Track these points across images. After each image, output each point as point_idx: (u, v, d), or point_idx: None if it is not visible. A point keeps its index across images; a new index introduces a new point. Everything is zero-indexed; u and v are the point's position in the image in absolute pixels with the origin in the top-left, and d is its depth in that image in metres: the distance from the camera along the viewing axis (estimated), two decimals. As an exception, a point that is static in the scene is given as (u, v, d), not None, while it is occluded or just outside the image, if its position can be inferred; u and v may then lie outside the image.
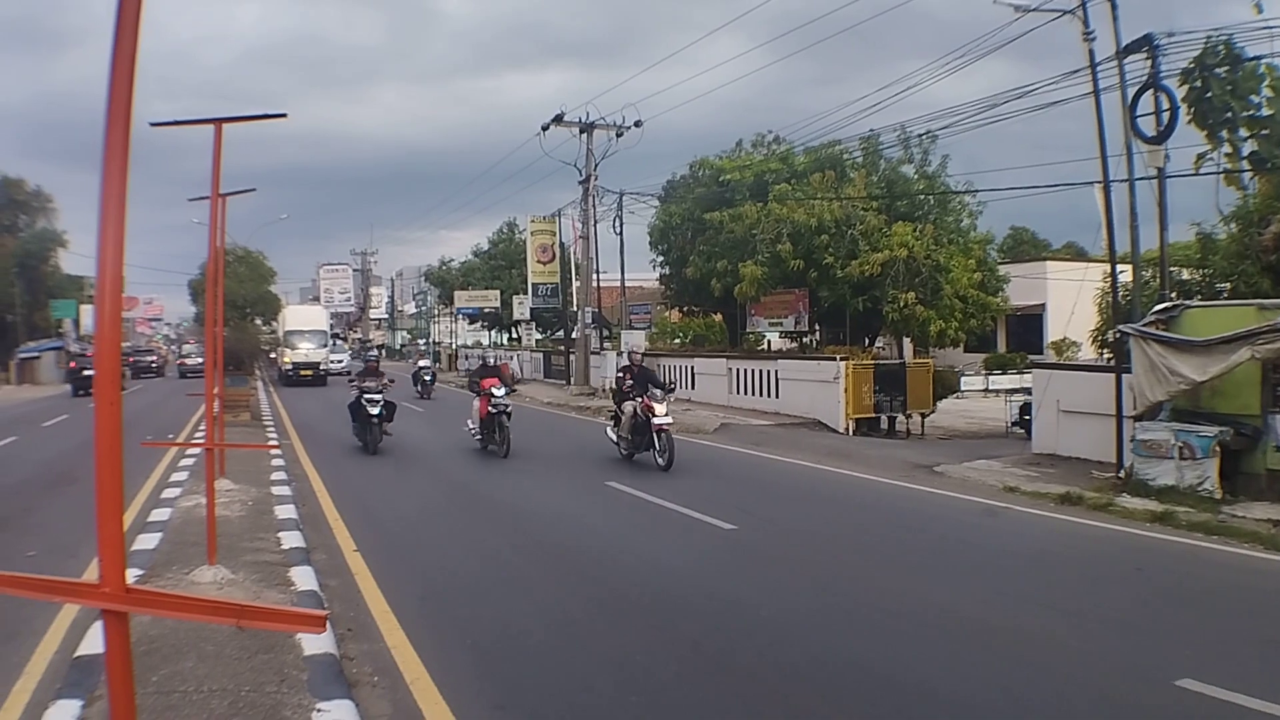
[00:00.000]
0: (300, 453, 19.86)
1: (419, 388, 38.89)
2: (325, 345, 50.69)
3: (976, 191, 31.47)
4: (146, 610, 3.49)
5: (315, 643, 6.94)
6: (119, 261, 3.24)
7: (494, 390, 19.52)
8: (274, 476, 15.45)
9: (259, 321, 64.23)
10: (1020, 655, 7.50)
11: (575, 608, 8.76)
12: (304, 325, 50.25)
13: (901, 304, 28.14)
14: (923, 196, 31.17)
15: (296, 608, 7.38)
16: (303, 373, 47.25)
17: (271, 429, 24.48)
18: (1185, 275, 19.44)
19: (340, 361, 59.42)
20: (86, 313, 62.12)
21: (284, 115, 8.68)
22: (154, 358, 64.83)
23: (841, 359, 26.40)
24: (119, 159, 3.24)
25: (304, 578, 9.17)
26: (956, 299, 29.10)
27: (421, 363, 44.39)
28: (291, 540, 10.80)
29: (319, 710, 5.89)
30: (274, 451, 17.62)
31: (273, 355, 58.01)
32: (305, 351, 48.08)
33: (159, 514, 12.03)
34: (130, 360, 56.53)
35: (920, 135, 29.76)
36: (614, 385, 17.71)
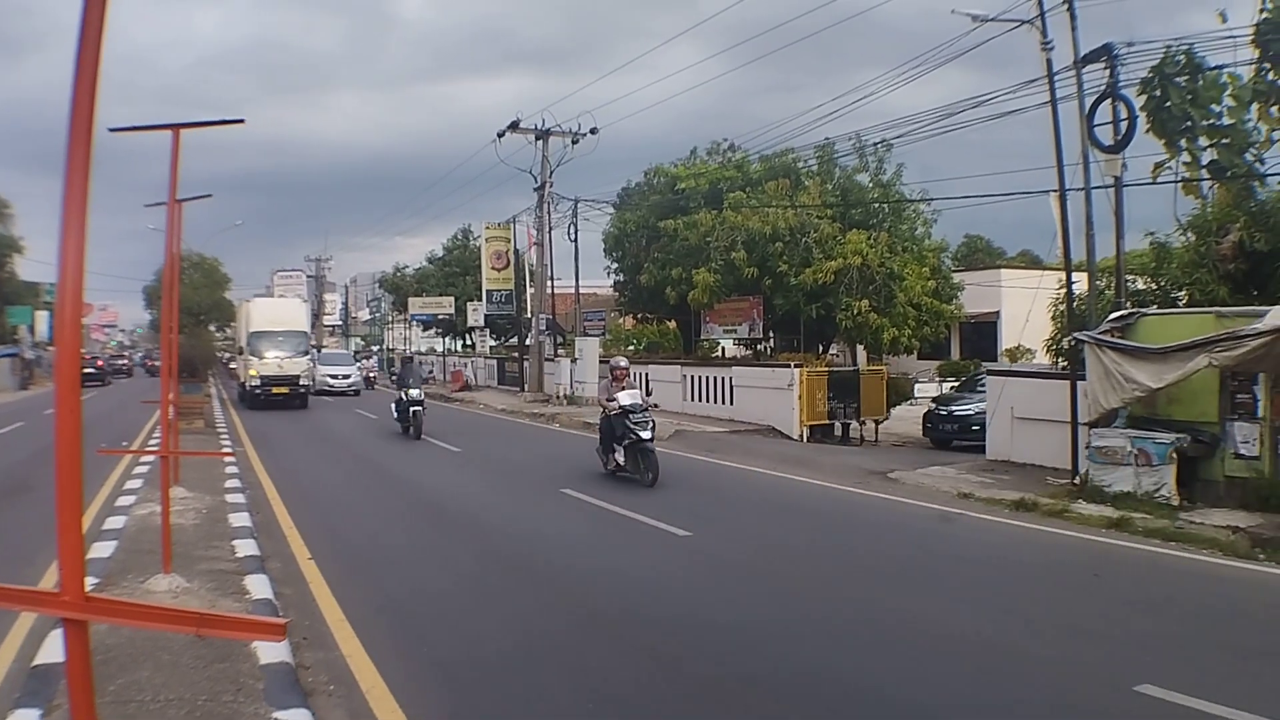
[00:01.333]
0: (254, 460, 19.70)
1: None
2: (306, 353, 37.73)
3: (931, 200, 31.85)
4: (106, 619, 3.49)
5: (271, 652, 6.91)
6: (80, 269, 3.25)
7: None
8: (228, 484, 15.33)
9: (213, 328, 63.56)
10: (978, 661, 7.59)
11: (532, 615, 8.78)
12: (276, 324, 36.89)
13: (855, 311, 28.37)
14: (877, 205, 31.46)
15: (255, 616, 7.37)
16: (275, 390, 35.04)
17: (225, 436, 24.26)
18: (1140, 284, 19.70)
19: (348, 377, 45.99)
20: (42, 319, 61.31)
21: (242, 121, 8.67)
22: (124, 361, 79.66)
23: (796, 366, 26.58)
24: (81, 166, 3.26)
25: (259, 586, 9.12)
26: (910, 306, 29.39)
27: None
28: (246, 548, 10.73)
29: (275, 719, 5.87)
30: (228, 458, 17.48)
31: (231, 365, 50.71)
32: (277, 361, 35.36)
33: (114, 522, 11.90)
34: (100, 364, 62.26)
35: (876, 144, 30.06)
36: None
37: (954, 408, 24.46)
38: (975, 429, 22.92)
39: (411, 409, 24.62)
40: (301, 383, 35.92)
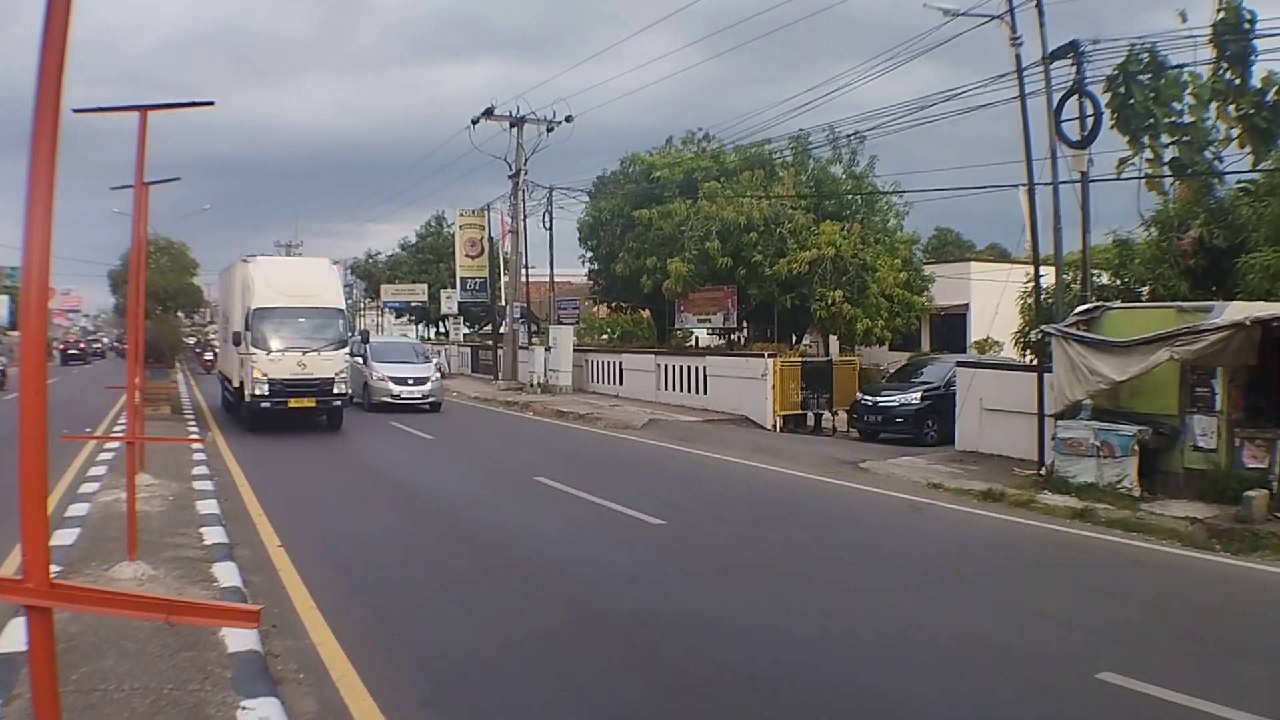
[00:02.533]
0: (222, 446, 19.55)
1: None
2: (343, 343, 23.62)
3: (904, 192, 31.95)
4: (72, 606, 3.44)
5: (239, 640, 6.84)
6: (46, 254, 3.19)
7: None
8: (195, 470, 15.18)
9: (180, 314, 62.95)
10: (945, 649, 7.65)
11: (505, 603, 8.76)
12: (293, 296, 22.99)
13: (829, 302, 28.43)
14: (850, 196, 31.53)
15: (228, 602, 7.29)
16: (294, 403, 22.53)
17: (193, 422, 24.04)
18: (1105, 279, 19.87)
19: (424, 382, 29.31)
20: (3, 303, 60.49)
21: (212, 104, 8.55)
22: (99, 344, 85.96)
23: (769, 356, 26.63)
24: (47, 149, 3.19)
25: (227, 574, 9.03)
26: (882, 298, 29.47)
27: None
28: (214, 536, 10.62)
29: (244, 708, 5.80)
30: (195, 445, 17.32)
31: (206, 355, 48.82)
32: (297, 356, 22.33)
33: (77, 509, 11.76)
34: (81, 346, 72.53)
35: (849, 136, 30.14)
36: None
37: (879, 398, 24.06)
38: (899, 421, 23.03)
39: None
40: (336, 390, 22.73)
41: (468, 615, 8.33)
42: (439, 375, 31.65)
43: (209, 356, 47.75)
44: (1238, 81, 16.69)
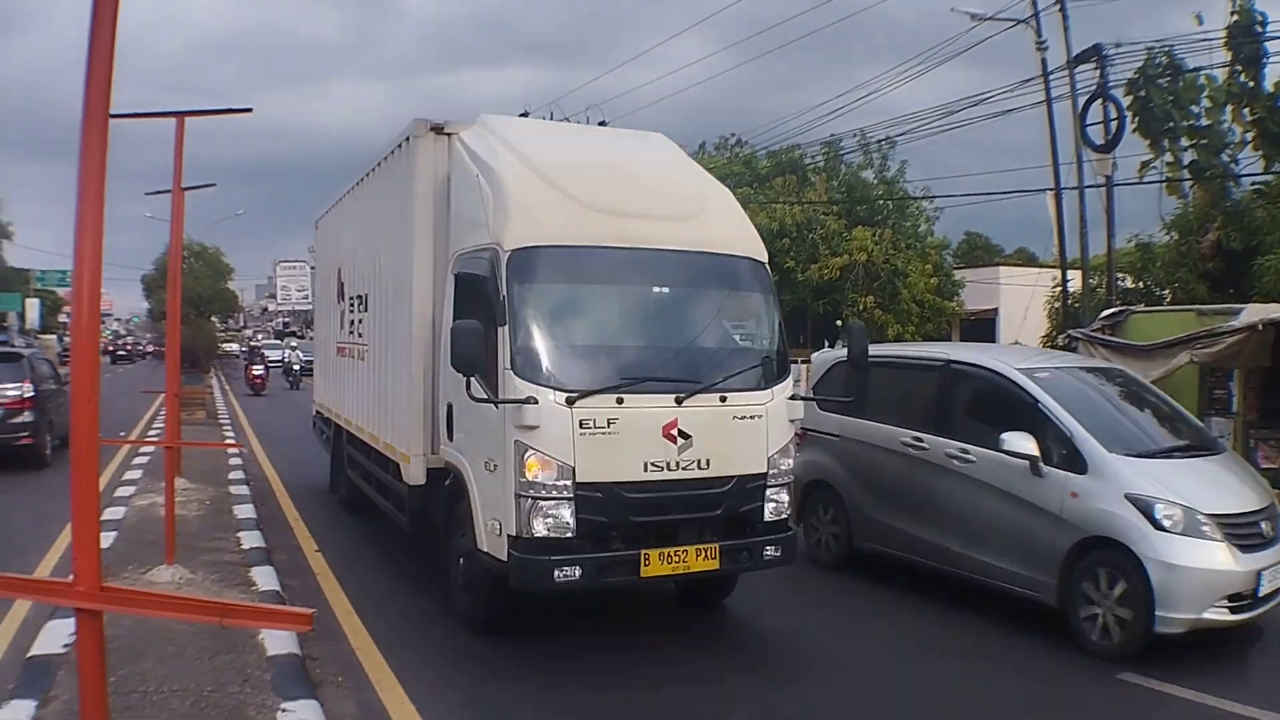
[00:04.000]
0: (258, 451, 19.64)
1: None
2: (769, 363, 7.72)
3: (934, 197, 31.86)
4: (123, 609, 3.47)
5: (278, 643, 6.88)
6: (97, 260, 3.22)
7: None
8: (232, 475, 15.26)
9: (214, 319, 63.37)
10: (963, 645, 7.77)
11: (540, 609, 8.76)
12: (629, 218, 7.50)
13: (861, 308, 28.35)
14: (881, 201, 31.44)
15: (280, 606, 7.30)
16: (662, 565, 6.91)
17: (228, 427, 24.19)
18: (1128, 283, 19.83)
19: None
20: (32, 306, 61.16)
21: (249, 110, 8.64)
22: (143, 346, 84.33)
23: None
24: (97, 153, 3.22)
25: (265, 578, 9.05)
26: (914, 303, 29.39)
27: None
28: (251, 540, 10.66)
29: (284, 710, 5.83)
30: (232, 450, 17.40)
31: (255, 370, 37.18)
32: (659, 415, 6.91)
33: (113, 512, 11.82)
34: (129, 347, 76.88)
35: (880, 141, 30.06)
36: None
37: None
38: None
39: None
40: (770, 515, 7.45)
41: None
42: None
43: (257, 370, 36.93)
44: (1251, 84, 16.67)
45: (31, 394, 16.01)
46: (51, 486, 13.70)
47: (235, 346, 66.38)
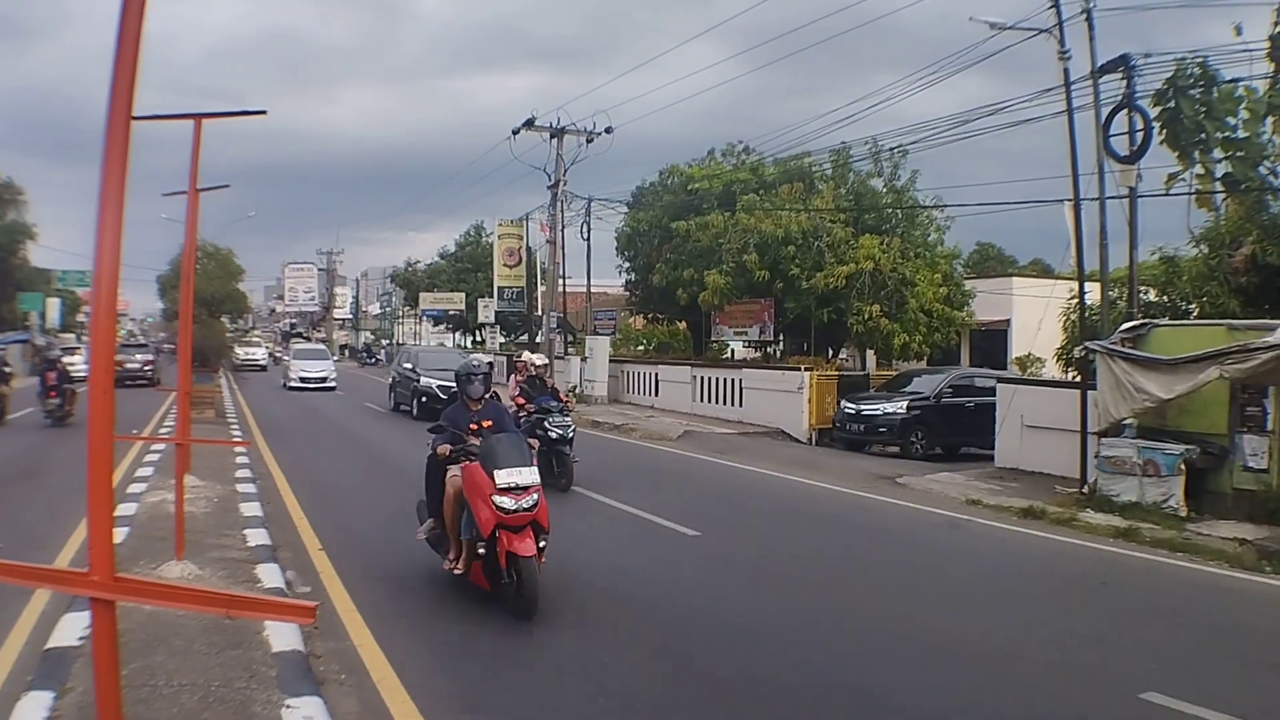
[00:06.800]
0: (264, 450, 19.77)
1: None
2: None
3: (945, 206, 31.75)
4: (135, 598, 3.55)
5: (283, 639, 6.99)
6: (116, 260, 3.31)
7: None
8: (239, 473, 15.41)
9: (225, 319, 63.68)
10: (986, 667, 7.64)
11: (541, 609, 8.83)
12: None
13: (866, 316, 28.33)
14: (891, 210, 31.44)
15: (284, 599, 7.42)
16: None
17: (236, 426, 24.36)
18: (1152, 297, 19.67)
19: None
20: (53, 306, 61.72)
21: (264, 113, 8.73)
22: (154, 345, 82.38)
23: (806, 370, 26.63)
24: (119, 155, 3.31)
25: (270, 575, 9.18)
26: (921, 313, 29.33)
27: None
28: (257, 538, 10.80)
29: (288, 706, 5.93)
30: (239, 448, 17.56)
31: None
32: None
33: (125, 508, 11.95)
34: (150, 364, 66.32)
35: (891, 149, 30.05)
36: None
37: (862, 407, 23.74)
38: (883, 430, 22.99)
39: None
40: None
41: (505, 621, 8.40)
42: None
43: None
44: None
45: None
46: (70, 484, 13.83)
47: (259, 351, 64.42)
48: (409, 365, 30.59)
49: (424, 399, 27.51)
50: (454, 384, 10.03)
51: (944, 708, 6.75)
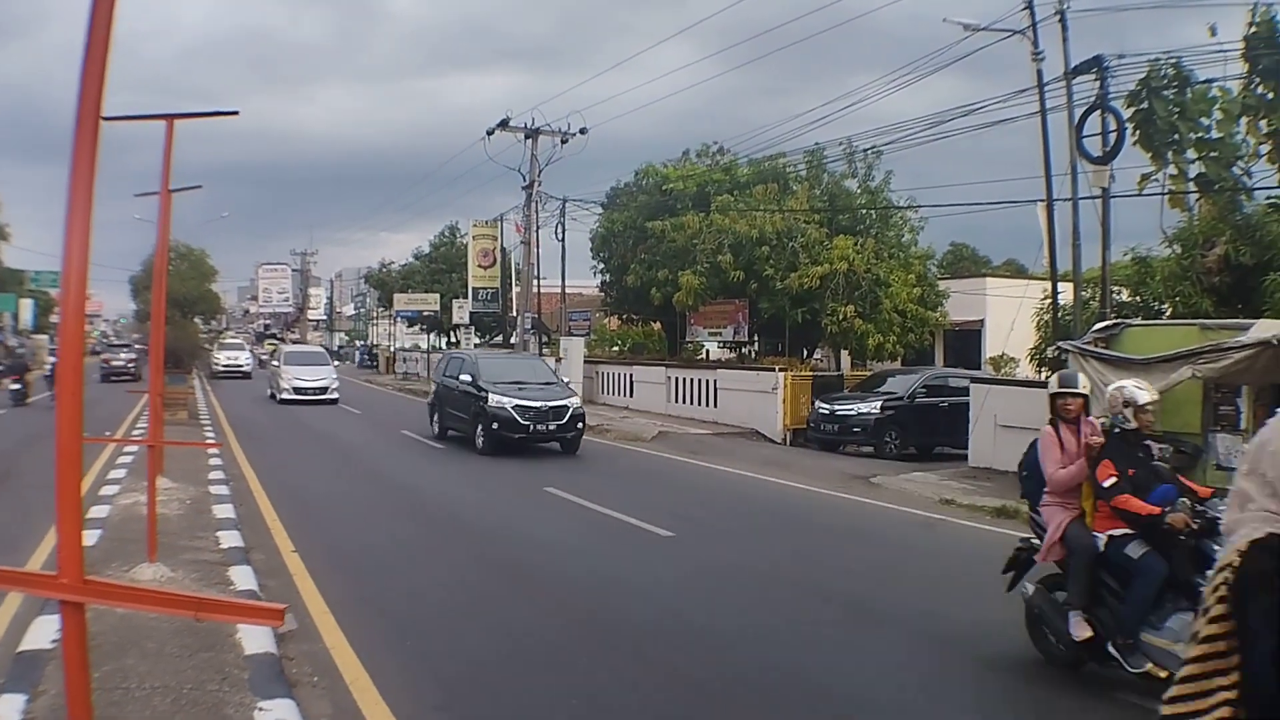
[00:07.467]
0: (237, 452, 19.67)
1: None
2: None
3: (919, 207, 31.91)
4: (104, 601, 3.55)
5: (255, 642, 6.97)
6: (84, 258, 3.31)
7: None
8: (212, 475, 15.34)
9: (198, 320, 63.30)
10: (961, 665, 7.72)
11: (514, 610, 8.85)
12: None
13: (840, 317, 28.44)
14: (865, 211, 31.57)
15: (254, 601, 7.41)
16: None
17: (209, 428, 24.23)
18: (1124, 297, 19.78)
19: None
20: (26, 307, 61.24)
21: (236, 113, 8.70)
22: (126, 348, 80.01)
23: (780, 370, 26.73)
24: (87, 155, 3.31)
25: (243, 577, 9.16)
26: (895, 313, 29.46)
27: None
28: (230, 540, 10.76)
29: (260, 709, 5.92)
30: (212, 450, 17.48)
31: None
32: None
33: (98, 511, 11.90)
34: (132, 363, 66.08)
35: (865, 150, 30.18)
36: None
37: (836, 407, 23.88)
38: (857, 430, 23.15)
39: None
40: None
41: (478, 622, 8.41)
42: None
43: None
44: (1270, 96, 16.52)
45: None
46: (45, 484, 13.76)
47: (242, 355, 56.65)
48: (468, 378, 21.87)
49: (495, 425, 20.52)
50: (536, 403, 8.42)
51: (920, 707, 6.83)
